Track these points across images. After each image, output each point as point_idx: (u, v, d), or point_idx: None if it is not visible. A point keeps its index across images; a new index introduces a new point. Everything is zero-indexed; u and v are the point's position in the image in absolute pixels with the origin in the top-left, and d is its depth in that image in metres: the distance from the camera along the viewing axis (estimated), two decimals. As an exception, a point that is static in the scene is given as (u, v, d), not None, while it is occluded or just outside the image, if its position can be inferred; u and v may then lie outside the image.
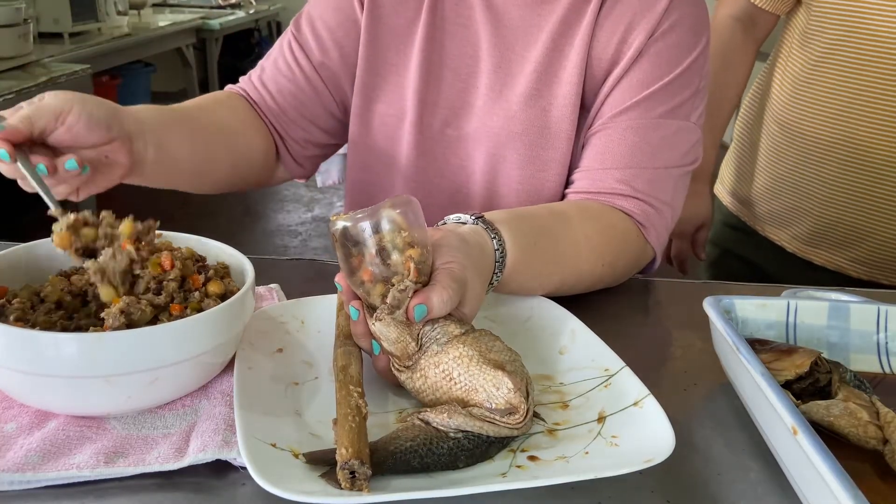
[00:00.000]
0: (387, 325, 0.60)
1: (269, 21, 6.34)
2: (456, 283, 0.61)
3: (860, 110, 1.08)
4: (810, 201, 1.16)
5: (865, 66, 1.06)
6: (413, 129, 0.93)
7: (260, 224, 3.76)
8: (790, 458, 0.55)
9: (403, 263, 0.60)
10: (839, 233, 1.15)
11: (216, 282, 0.65)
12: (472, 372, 0.58)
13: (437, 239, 0.65)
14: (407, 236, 0.60)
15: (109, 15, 3.70)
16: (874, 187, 1.10)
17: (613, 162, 0.86)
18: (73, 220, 0.64)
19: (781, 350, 0.66)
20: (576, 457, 0.56)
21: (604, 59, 0.88)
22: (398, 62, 0.94)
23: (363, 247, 0.61)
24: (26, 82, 2.48)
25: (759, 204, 1.25)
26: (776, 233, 1.24)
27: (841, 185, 1.12)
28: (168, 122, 0.83)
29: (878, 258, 1.14)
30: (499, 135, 0.91)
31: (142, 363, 0.56)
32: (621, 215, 0.85)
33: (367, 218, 0.61)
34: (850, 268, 1.17)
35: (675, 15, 0.87)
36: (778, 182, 1.21)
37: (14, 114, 0.69)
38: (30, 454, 0.55)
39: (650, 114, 0.86)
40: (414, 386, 0.61)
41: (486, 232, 0.71)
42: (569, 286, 0.81)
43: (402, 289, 0.59)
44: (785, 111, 1.18)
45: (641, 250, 0.88)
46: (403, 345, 0.60)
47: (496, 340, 0.61)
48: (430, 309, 0.59)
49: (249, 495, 0.53)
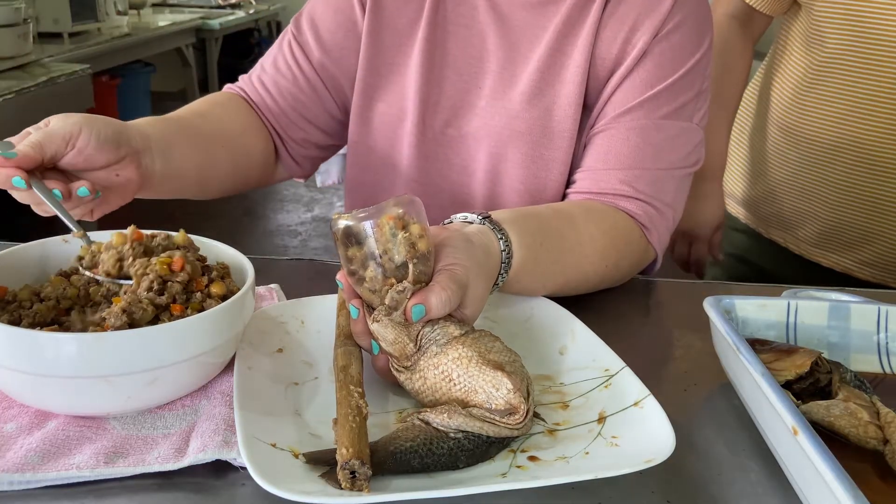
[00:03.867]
0: (384, 327, 0.60)
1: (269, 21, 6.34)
2: (456, 285, 0.61)
3: (867, 113, 1.08)
4: (817, 204, 1.16)
5: (872, 69, 1.06)
6: (414, 129, 0.93)
7: (260, 224, 3.76)
8: (790, 459, 0.55)
9: (403, 263, 0.60)
10: (847, 235, 1.15)
11: (218, 283, 0.65)
12: (472, 373, 0.58)
13: (442, 239, 0.65)
14: (409, 236, 0.60)
15: (109, 15, 3.69)
16: (882, 189, 1.10)
17: (616, 162, 0.86)
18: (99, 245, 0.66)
19: (782, 350, 0.66)
20: (576, 457, 0.56)
21: (607, 58, 0.88)
22: (400, 62, 0.94)
23: (364, 246, 0.60)
24: (26, 82, 2.48)
25: (763, 206, 1.25)
26: (782, 235, 1.23)
27: (848, 188, 1.12)
28: (172, 134, 0.83)
29: (887, 260, 1.14)
30: (501, 134, 0.91)
31: (142, 363, 0.56)
32: (624, 216, 0.85)
33: (370, 217, 0.60)
34: (857, 270, 1.17)
35: (679, 15, 0.87)
36: (782, 185, 1.20)
37: (22, 140, 0.69)
38: (30, 454, 0.55)
39: (653, 115, 0.86)
40: (413, 387, 0.61)
41: (492, 232, 0.71)
42: (572, 287, 0.81)
43: (401, 290, 0.59)
44: (787, 114, 1.18)
45: (643, 252, 0.88)
46: (401, 346, 0.60)
47: (496, 341, 0.61)
48: (429, 309, 0.59)
49: (249, 495, 0.53)
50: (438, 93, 0.93)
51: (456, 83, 0.93)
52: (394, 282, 0.60)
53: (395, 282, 0.60)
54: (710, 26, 0.91)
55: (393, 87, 0.94)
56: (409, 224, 0.61)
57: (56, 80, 2.61)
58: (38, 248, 0.70)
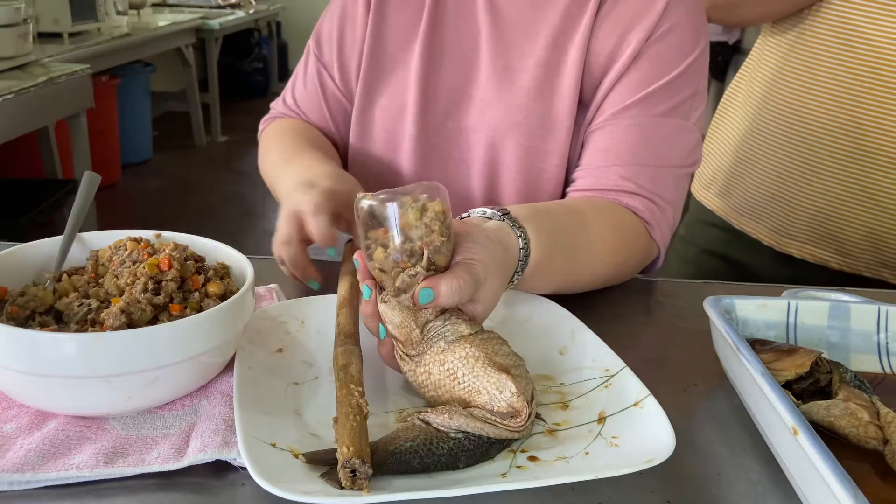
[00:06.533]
0: (391, 308, 0.60)
1: (269, 21, 6.34)
2: (471, 277, 0.61)
3: (855, 96, 1.06)
4: (795, 193, 1.14)
5: (860, 55, 1.04)
6: (415, 121, 0.94)
7: (260, 224, 3.76)
8: (790, 459, 0.55)
9: (419, 248, 0.60)
10: (824, 225, 1.13)
11: (216, 282, 0.66)
12: (477, 373, 0.58)
13: (462, 233, 0.65)
14: (430, 222, 0.60)
15: (109, 15, 3.70)
16: (870, 176, 1.08)
17: (617, 159, 0.87)
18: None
19: (782, 350, 0.66)
20: (576, 457, 0.56)
21: (602, 55, 0.89)
22: (402, 57, 0.95)
23: (384, 227, 0.61)
24: (26, 82, 2.48)
25: (736, 197, 1.24)
26: (753, 227, 1.22)
27: (834, 175, 1.10)
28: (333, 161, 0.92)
29: (862, 249, 1.12)
30: (498, 125, 0.92)
31: (141, 363, 0.56)
32: (629, 213, 0.86)
33: (393, 199, 0.60)
34: (832, 260, 1.15)
35: (674, 18, 0.88)
36: (760, 169, 1.19)
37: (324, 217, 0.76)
38: (29, 454, 0.54)
39: (651, 112, 0.87)
40: (417, 380, 0.61)
41: (511, 229, 0.71)
42: (582, 285, 0.82)
43: (413, 274, 0.60)
44: (771, 94, 1.16)
45: (648, 248, 0.89)
46: (407, 330, 0.60)
47: (504, 344, 0.61)
48: (437, 295, 0.59)
49: (249, 495, 0.53)
50: (438, 84, 0.94)
51: (454, 76, 0.94)
52: (408, 265, 0.60)
53: (409, 266, 0.60)
54: (705, 29, 0.92)
55: (395, 82, 0.95)
56: (431, 209, 0.61)
57: (56, 80, 2.61)
58: (38, 248, 0.70)
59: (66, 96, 2.70)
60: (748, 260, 1.25)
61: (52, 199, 2.80)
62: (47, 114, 2.67)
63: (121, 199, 3.92)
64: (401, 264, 0.60)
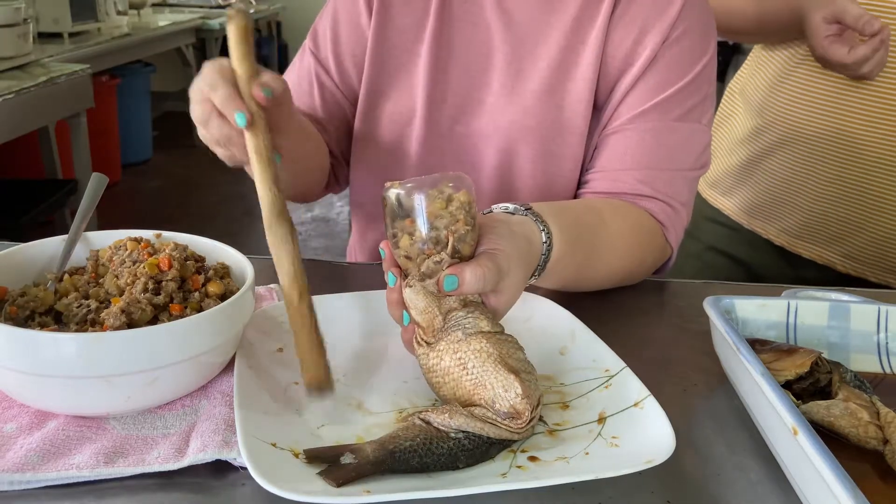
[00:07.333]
0: (416, 293, 0.61)
1: (269, 21, 6.34)
2: (494, 266, 0.61)
3: (852, 103, 1.07)
4: (799, 195, 1.16)
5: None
6: (422, 126, 0.93)
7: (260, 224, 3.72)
8: (790, 459, 0.55)
9: (444, 237, 0.61)
10: (831, 227, 1.14)
11: (216, 282, 0.66)
12: (487, 368, 0.58)
13: (487, 225, 0.65)
14: (456, 211, 0.61)
15: (109, 15, 3.69)
16: (866, 181, 1.09)
17: (633, 163, 0.87)
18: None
19: (782, 350, 0.66)
20: (576, 457, 0.56)
21: (618, 57, 0.89)
22: (407, 61, 0.94)
23: (410, 217, 0.62)
24: (25, 82, 2.48)
25: (744, 197, 1.24)
26: (763, 226, 1.23)
27: (833, 179, 1.11)
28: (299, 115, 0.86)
29: (868, 254, 1.13)
30: (510, 130, 0.91)
31: (141, 363, 0.56)
32: (646, 214, 0.87)
33: (420, 188, 0.61)
34: (839, 263, 1.16)
35: (687, 21, 0.88)
36: (766, 174, 1.20)
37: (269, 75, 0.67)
38: (29, 454, 0.54)
39: (667, 116, 0.88)
40: (427, 363, 0.61)
41: (535, 224, 0.71)
42: (598, 283, 0.83)
43: (438, 260, 0.61)
44: (768, 101, 1.17)
45: (662, 250, 0.90)
46: (430, 316, 0.61)
47: (520, 350, 0.61)
48: (462, 282, 0.60)
49: (249, 495, 0.53)
50: (446, 90, 0.93)
51: (463, 80, 0.93)
52: (433, 252, 0.61)
53: (434, 253, 0.61)
54: (714, 33, 0.92)
55: (401, 86, 0.94)
56: (456, 200, 0.62)
57: (56, 80, 2.61)
58: (38, 248, 0.70)
59: (66, 96, 2.70)
60: (753, 258, 1.25)
61: (52, 199, 2.80)
62: (47, 114, 2.67)
63: (121, 199, 3.92)
64: (426, 251, 0.61)
